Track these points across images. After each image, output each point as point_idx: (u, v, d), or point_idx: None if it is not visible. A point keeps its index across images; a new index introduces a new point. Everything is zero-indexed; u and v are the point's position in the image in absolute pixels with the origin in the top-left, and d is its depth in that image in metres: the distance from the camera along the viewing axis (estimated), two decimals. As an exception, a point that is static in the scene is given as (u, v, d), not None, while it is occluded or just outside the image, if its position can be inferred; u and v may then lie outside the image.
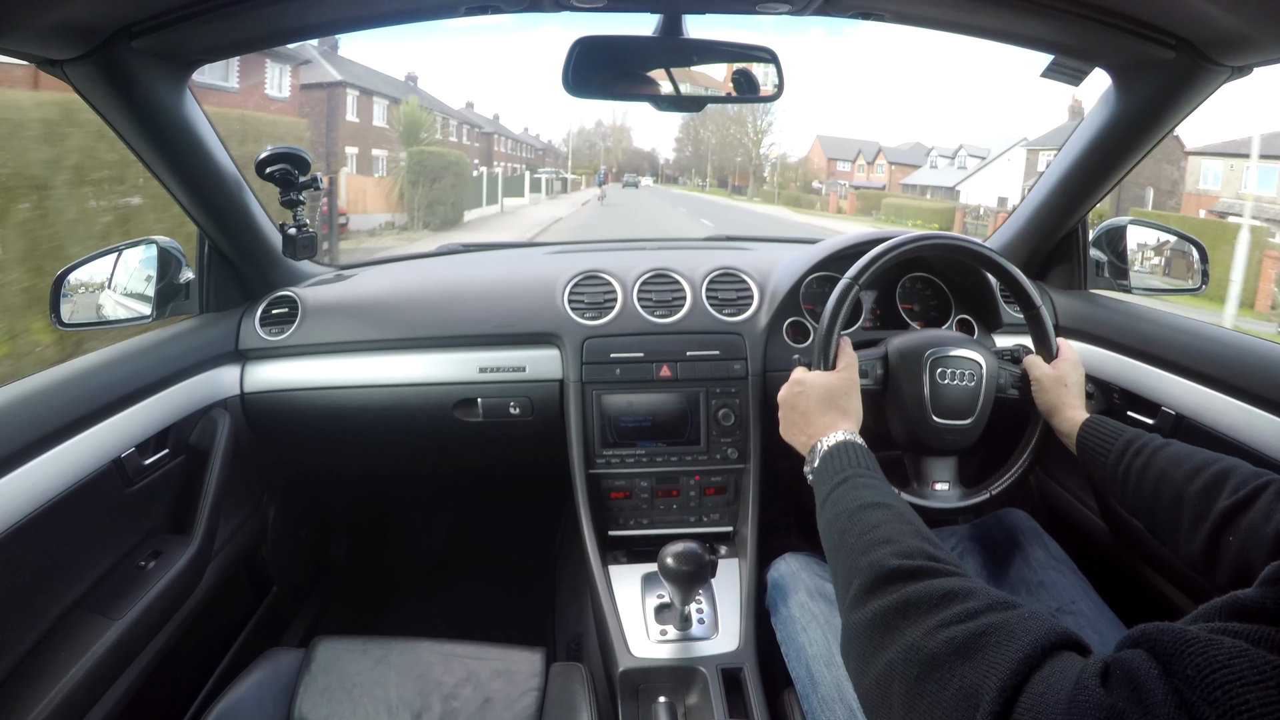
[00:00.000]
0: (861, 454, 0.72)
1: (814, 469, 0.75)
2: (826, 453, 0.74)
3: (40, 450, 0.78)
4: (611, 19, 1.06)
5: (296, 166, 1.15)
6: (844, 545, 0.60)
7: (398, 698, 0.87)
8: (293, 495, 1.46)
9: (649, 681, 0.95)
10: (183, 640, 1.04)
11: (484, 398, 1.20)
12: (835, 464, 0.71)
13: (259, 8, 0.82)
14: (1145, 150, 1.09)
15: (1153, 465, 0.74)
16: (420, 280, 1.38)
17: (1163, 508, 0.72)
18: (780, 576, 0.98)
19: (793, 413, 0.83)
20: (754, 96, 0.99)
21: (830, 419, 0.79)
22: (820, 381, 0.83)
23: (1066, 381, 0.91)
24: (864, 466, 0.70)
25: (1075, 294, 1.28)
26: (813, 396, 0.81)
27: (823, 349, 0.86)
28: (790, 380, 0.86)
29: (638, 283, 1.24)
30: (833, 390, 0.82)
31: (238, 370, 1.19)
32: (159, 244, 1.14)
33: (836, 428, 0.77)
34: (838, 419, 0.79)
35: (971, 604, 0.47)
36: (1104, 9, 0.82)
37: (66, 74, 0.83)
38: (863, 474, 0.69)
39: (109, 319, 1.08)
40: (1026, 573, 0.91)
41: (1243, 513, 0.64)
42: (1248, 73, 0.88)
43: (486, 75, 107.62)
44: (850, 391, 0.83)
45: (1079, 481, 1.20)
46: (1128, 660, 0.38)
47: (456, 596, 1.69)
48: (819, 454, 0.75)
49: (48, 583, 0.82)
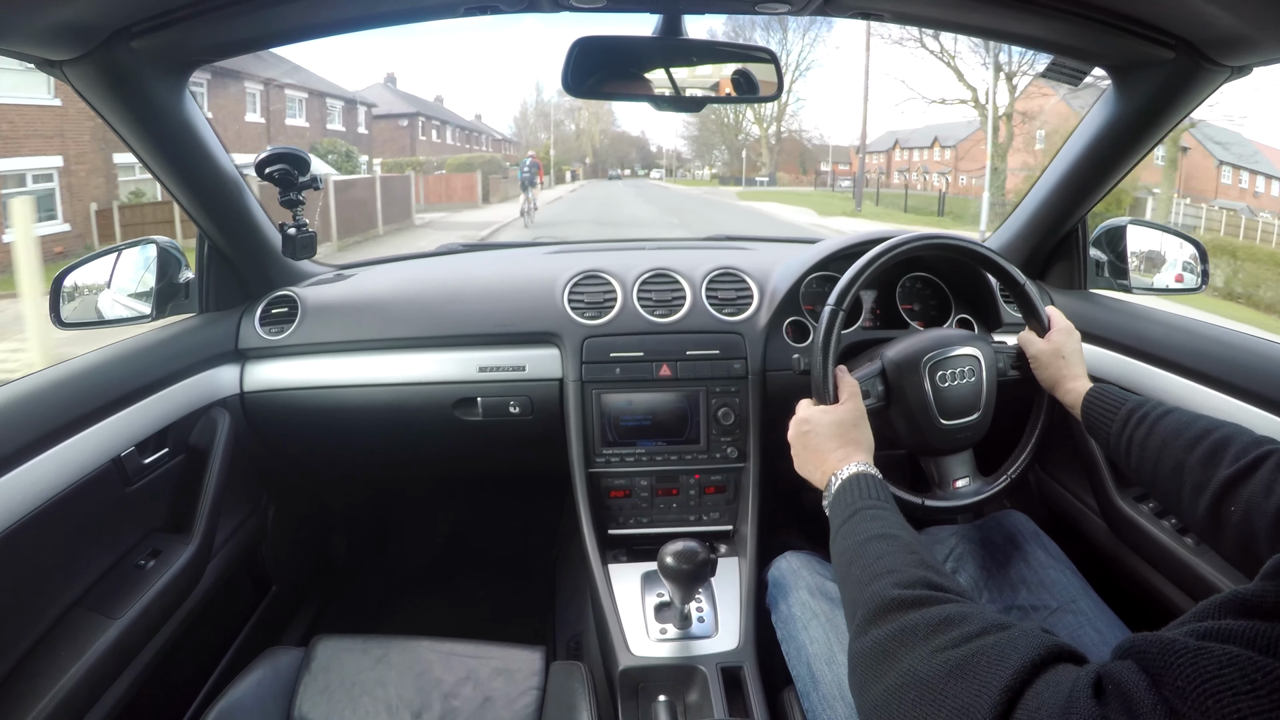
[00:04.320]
0: (874, 485, 0.72)
1: (830, 502, 0.75)
2: (840, 486, 0.74)
3: (40, 449, 0.78)
4: (611, 19, 1.07)
5: (296, 166, 1.15)
6: (851, 576, 0.62)
7: (398, 697, 0.87)
8: (293, 495, 1.46)
9: (649, 680, 0.95)
10: (183, 639, 1.04)
11: (484, 397, 1.20)
12: (848, 497, 0.72)
13: (259, 8, 0.82)
14: (1145, 150, 1.09)
15: (1155, 434, 0.75)
16: (420, 280, 1.38)
17: (1164, 477, 0.73)
18: (781, 575, 0.98)
19: (805, 450, 0.83)
20: (753, 96, 0.99)
21: (844, 452, 0.78)
22: (827, 418, 0.82)
23: (1064, 352, 0.90)
24: (875, 498, 0.70)
25: (1075, 294, 1.28)
26: (823, 433, 0.81)
27: (821, 384, 0.85)
28: (796, 419, 0.85)
29: (637, 282, 1.24)
30: (842, 424, 0.81)
31: (237, 370, 1.19)
32: (159, 244, 1.14)
33: (850, 460, 0.77)
34: (851, 451, 0.78)
35: (967, 628, 0.48)
36: (1104, 9, 0.82)
37: (66, 74, 0.83)
38: (873, 506, 0.69)
39: (109, 319, 1.08)
40: (1026, 572, 0.91)
41: (1243, 483, 0.64)
42: (1247, 73, 0.89)
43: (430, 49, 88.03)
44: (859, 422, 0.82)
45: (1079, 479, 1.21)
46: (1118, 672, 0.38)
47: (456, 596, 1.69)
48: (834, 488, 0.75)
49: (48, 582, 0.82)
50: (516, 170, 19.64)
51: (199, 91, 15.28)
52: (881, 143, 40.35)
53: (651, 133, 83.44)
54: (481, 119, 45.26)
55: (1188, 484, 0.69)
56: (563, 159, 52.19)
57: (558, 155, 50.06)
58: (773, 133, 46.01)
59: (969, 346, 0.93)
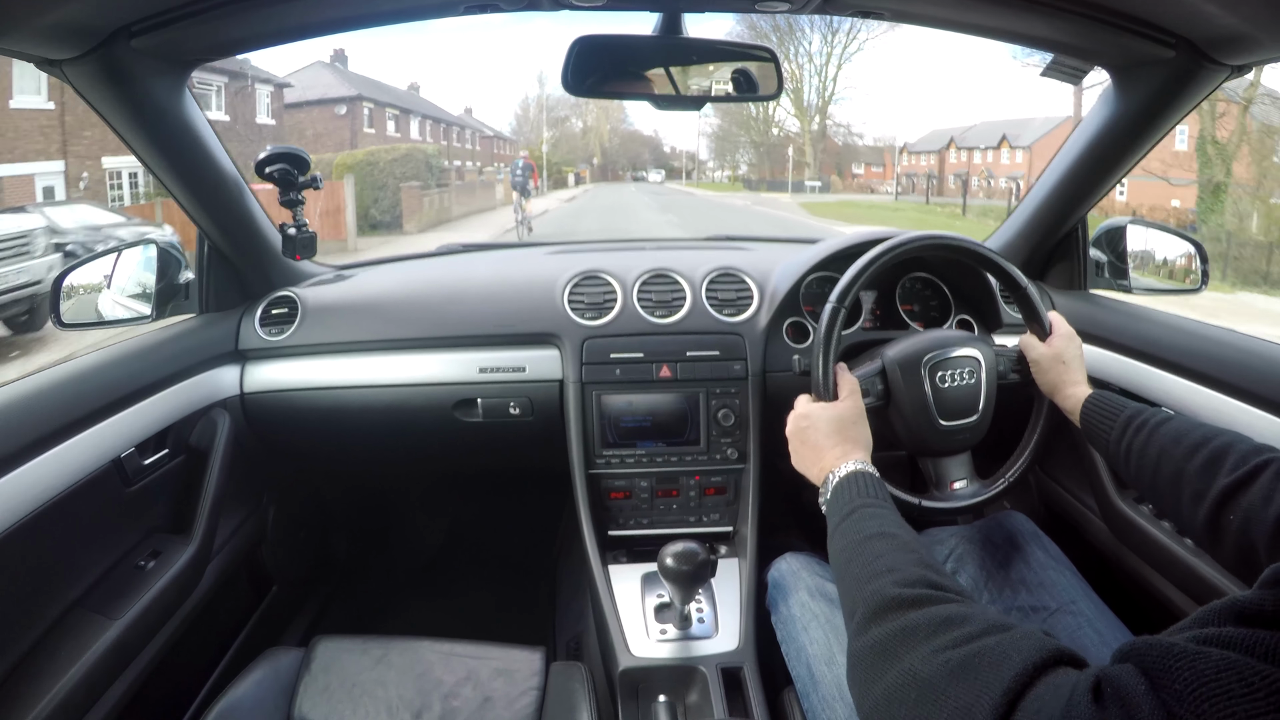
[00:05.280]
0: (872, 484, 0.72)
1: (827, 500, 0.75)
2: (838, 484, 0.74)
3: (40, 450, 0.78)
4: (611, 18, 1.06)
5: (296, 166, 1.15)
6: (849, 575, 0.61)
7: (398, 697, 0.87)
8: (293, 495, 1.46)
9: (649, 681, 0.95)
10: (183, 640, 1.04)
11: (484, 398, 1.20)
12: (846, 495, 0.72)
13: (259, 8, 0.82)
14: (1145, 149, 1.09)
15: (1153, 441, 0.75)
16: (420, 280, 1.38)
17: (1164, 484, 0.72)
18: (781, 576, 0.98)
19: (803, 446, 0.82)
20: (753, 95, 0.99)
21: (842, 450, 0.78)
22: (827, 414, 0.82)
23: (1065, 358, 0.90)
24: (874, 496, 0.70)
25: (1075, 294, 1.28)
26: (821, 430, 0.81)
27: (822, 380, 0.85)
28: (795, 414, 0.85)
29: (637, 283, 1.24)
30: (841, 421, 0.81)
31: (237, 370, 1.19)
32: (159, 244, 1.14)
33: (848, 458, 0.77)
34: (849, 449, 0.78)
35: (968, 629, 0.48)
36: (1104, 8, 0.82)
37: (66, 74, 0.83)
38: (871, 504, 0.69)
39: (109, 319, 1.08)
40: (1026, 573, 0.91)
41: (1242, 491, 0.64)
42: (1247, 71, 0.89)
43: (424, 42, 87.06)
44: (858, 420, 0.82)
45: (1078, 481, 1.20)
46: (1117, 676, 0.38)
47: (456, 596, 1.69)
48: (831, 485, 0.75)
49: (48, 582, 0.82)
50: (478, 173, 16.41)
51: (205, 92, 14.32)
52: (930, 142, 36.10)
53: (665, 132, 77.49)
54: (472, 113, 38.30)
55: (1186, 492, 0.69)
56: (565, 159, 46.54)
57: (561, 155, 44.13)
58: (816, 128, 37.86)
59: (970, 348, 0.93)
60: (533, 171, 14.21)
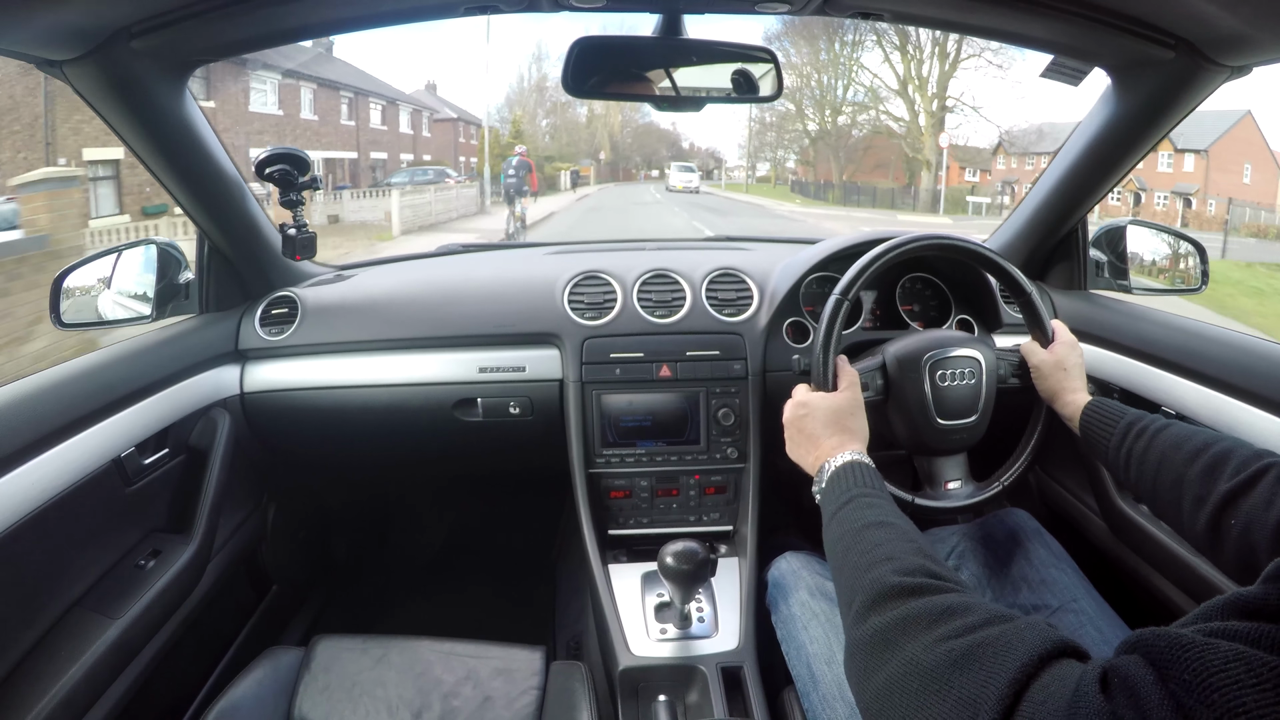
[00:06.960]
0: (868, 474, 0.72)
1: (821, 489, 0.75)
2: (834, 473, 0.74)
3: (40, 450, 0.78)
4: (611, 18, 1.05)
5: (296, 167, 1.15)
6: (847, 563, 0.61)
7: (398, 696, 0.87)
8: (293, 495, 1.46)
9: (649, 680, 0.95)
10: (183, 639, 1.04)
11: (484, 398, 1.20)
12: (842, 484, 0.72)
13: (259, 8, 0.82)
14: (1145, 150, 1.09)
15: (1154, 448, 0.75)
16: (420, 280, 1.38)
17: (1164, 490, 0.73)
18: (781, 575, 0.98)
19: (799, 434, 0.83)
20: (753, 96, 0.99)
21: (838, 440, 0.78)
22: (825, 403, 0.82)
23: (1065, 365, 0.90)
24: (870, 486, 0.70)
25: (1075, 294, 1.28)
26: (819, 419, 0.81)
27: (821, 370, 0.85)
28: (793, 402, 0.85)
29: (637, 283, 1.24)
30: (839, 411, 0.81)
31: (237, 370, 1.19)
32: (158, 244, 1.14)
33: (844, 448, 0.77)
34: (846, 440, 0.78)
35: (970, 618, 0.47)
36: (1104, 9, 0.82)
37: (66, 74, 0.83)
38: (868, 493, 0.69)
39: (109, 319, 1.08)
40: (1028, 571, 0.92)
41: (1244, 496, 0.64)
42: (1247, 72, 0.88)
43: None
44: (856, 411, 0.82)
45: (1079, 480, 1.21)
46: (1124, 666, 0.38)
47: (456, 596, 1.69)
48: (826, 474, 0.75)
49: (48, 582, 0.82)
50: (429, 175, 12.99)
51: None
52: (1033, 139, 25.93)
53: (684, 125, 59.15)
54: (436, 90, 28.10)
55: (1187, 497, 0.69)
56: (564, 154, 36.33)
57: (559, 149, 34.57)
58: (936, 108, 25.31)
59: (971, 348, 0.93)
60: (530, 171, 11.85)
